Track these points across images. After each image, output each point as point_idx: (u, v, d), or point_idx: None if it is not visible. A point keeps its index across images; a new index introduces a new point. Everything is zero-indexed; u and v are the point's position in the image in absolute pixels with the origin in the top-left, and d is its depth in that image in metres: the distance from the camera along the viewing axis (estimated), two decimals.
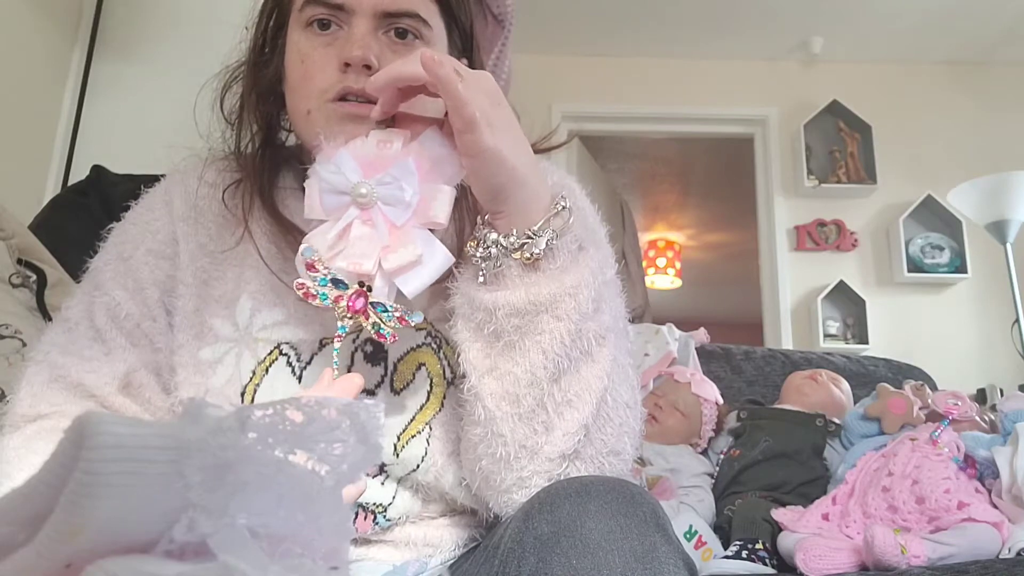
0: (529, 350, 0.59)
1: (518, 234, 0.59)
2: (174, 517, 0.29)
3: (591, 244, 0.64)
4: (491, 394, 0.60)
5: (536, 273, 0.59)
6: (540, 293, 0.59)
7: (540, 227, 0.59)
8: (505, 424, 0.59)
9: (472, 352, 0.61)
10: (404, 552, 0.69)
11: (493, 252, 0.60)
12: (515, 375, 0.59)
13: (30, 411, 0.70)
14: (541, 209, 0.60)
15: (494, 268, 0.60)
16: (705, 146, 4.29)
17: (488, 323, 0.59)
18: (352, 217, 0.58)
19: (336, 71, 0.68)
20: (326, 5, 0.69)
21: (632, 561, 0.48)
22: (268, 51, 0.77)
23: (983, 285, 3.37)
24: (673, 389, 1.62)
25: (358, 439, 0.34)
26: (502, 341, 0.60)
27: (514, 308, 0.59)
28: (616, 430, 0.61)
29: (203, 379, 0.70)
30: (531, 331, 0.59)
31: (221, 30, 0.81)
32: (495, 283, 0.60)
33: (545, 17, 3.39)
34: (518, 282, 0.59)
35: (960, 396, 1.37)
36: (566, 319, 0.59)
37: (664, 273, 5.51)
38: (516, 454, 0.59)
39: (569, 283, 0.59)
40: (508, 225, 0.60)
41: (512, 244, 0.59)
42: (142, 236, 0.76)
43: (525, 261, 0.59)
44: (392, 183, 0.57)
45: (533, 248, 0.59)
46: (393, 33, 0.70)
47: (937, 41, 3.51)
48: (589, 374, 0.60)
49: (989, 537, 1.04)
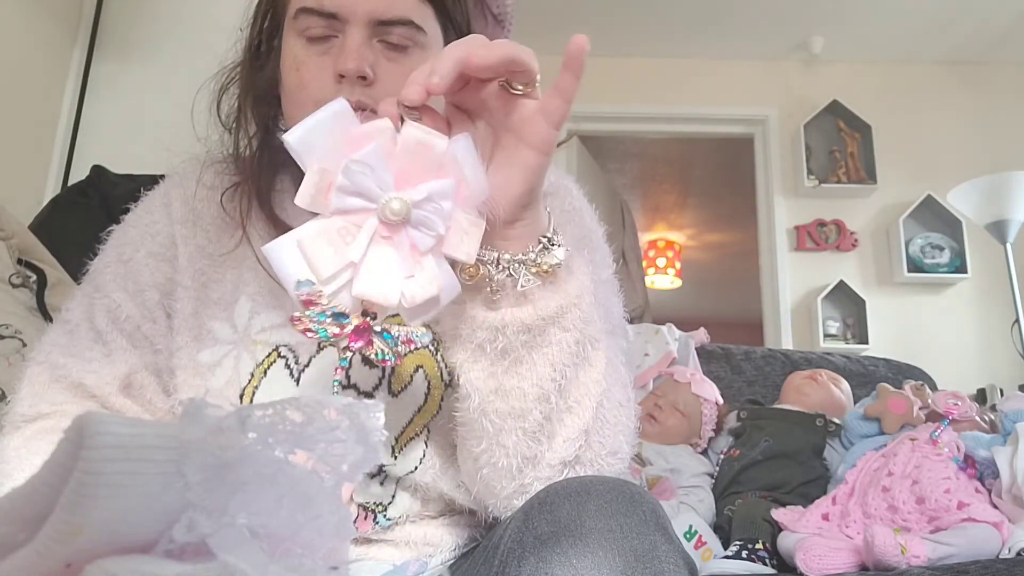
0: (536, 363, 0.57)
1: (533, 247, 0.56)
2: (174, 517, 0.29)
3: (583, 246, 0.63)
4: (497, 412, 0.58)
5: (551, 285, 0.56)
6: (549, 306, 0.56)
7: (552, 234, 0.56)
8: (510, 437, 0.58)
9: (474, 373, 0.58)
10: (404, 551, 0.69)
11: (513, 272, 0.55)
12: (522, 390, 0.57)
13: (30, 411, 0.70)
14: (546, 216, 0.58)
15: (519, 289, 0.55)
16: (705, 146, 4.29)
17: (493, 341, 0.56)
18: (371, 231, 0.48)
19: (331, 82, 0.67)
20: (319, 14, 0.67)
21: (632, 560, 0.48)
22: (264, 53, 0.76)
23: (983, 285, 3.37)
24: (673, 389, 1.62)
25: (358, 439, 0.34)
26: (509, 358, 0.57)
27: (524, 325, 0.56)
28: (612, 430, 0.61)
29: (202, 381, 0.70)
30: (539, 344, 0.57)
31: (221, 30, 0.81)
32: (494, 301, 0.56)
33: (545, 17, 3.39)
34: (530, 297, 0.56)
35: (960, 396, 1.37)
36: (572, 328, 0.57)
37: (664, 273, 5.51)
38: (519, 465, 0.59)
39: (573, 291, 0.57)
40: (525, 237, 0.56)
41: (532, 259, 0.55)
42: (142, 238, 0.76)
43: (543, 274, 0.56)
44: (431, 208, 0.49)
45: (552, 259, 0.56)
46: (388, 41, 0.69)
47: (937, 41, 3.51)
48: (588, 379, 0.59)
49: (989, 537, 1.04)
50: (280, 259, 0.48)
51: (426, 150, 0.49)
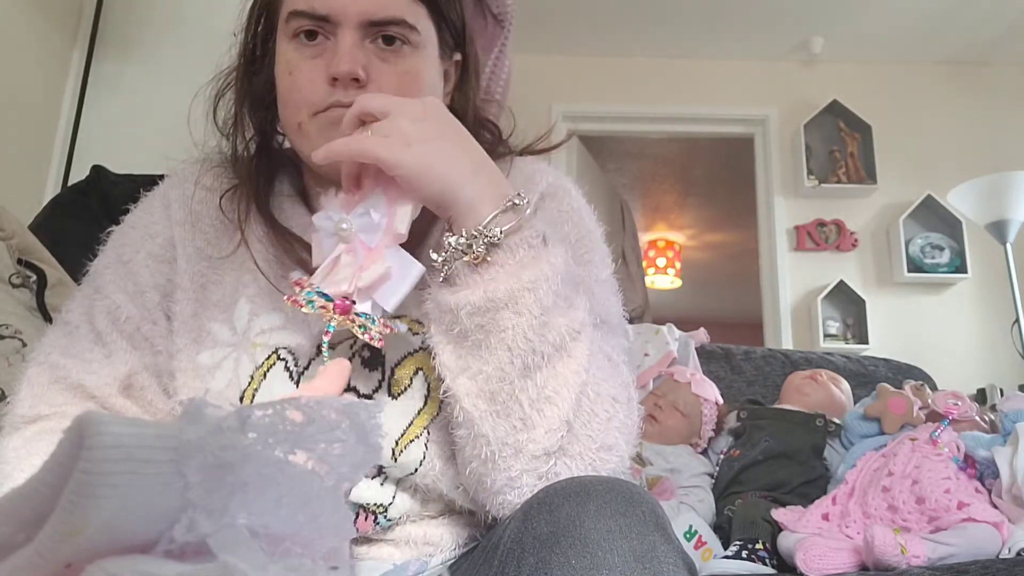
0: (495, 347, 0.59)
1: (466, 234, 0.60)
2: (174, 517, 0.29)
3: (559, 240, 0.64)
4: (467, 393, 0.60)
5: (492, 269, 0.60)
6: (497, 290, 0.59)
7: (486, 224, 0.60)
8: (485, 423, 0.60)
9: (445, 355, 0.62)
10: (404, 551, 0.69)
11: (450, 254, 0.61)
12: (486, 373, 0.59)
13: (30, 412, 0.70)
14: (488, 208, 0.61)
15: (449, 270, 0.61)
16: (705, 146, 4.29)
17: (455, 324, 0.60)
18: (339, 251, 0.62)
19: (325, 85, 0.67)
20: (311, 17, 0.67)
21: (632, 561, 0.48)
22: (259, 57, 0.76)
23: (983, 285, 3.38)
24: (673, 389, 1.63)
25: (358, 439, 0.34)
26: (469, 340, 0.60)
27: (474, 307, 0.59)
28: (603, 425, 0.61)
29: (202, 383, 0.70)
30: (494, 328, 0.59)
31: (221, 30, 0.81)
32: (456, 284, 0.61)
33: (545, 17, 3.39)
34: (474, 280, 0.60)
35: (960, 396, 1.37)
36: (527, 314, 0.59)
37: (664, 273, 5.52)
38: (500, 452, 0.59)
39: (527, 278, 0.59)
40: (459, 227, 0.61)
41: (461, 244, 0.60)
42: (142, 240, 0.76)
43: (473, 260, 0.60)
44: (364, 213, 0.62)
45: (477, 246, 0.60)
46: (381, 41, 0.69)
47: (937, 41, 3.51)
48: (565, 370, 0.60)
49: (989, 537, 1.04)
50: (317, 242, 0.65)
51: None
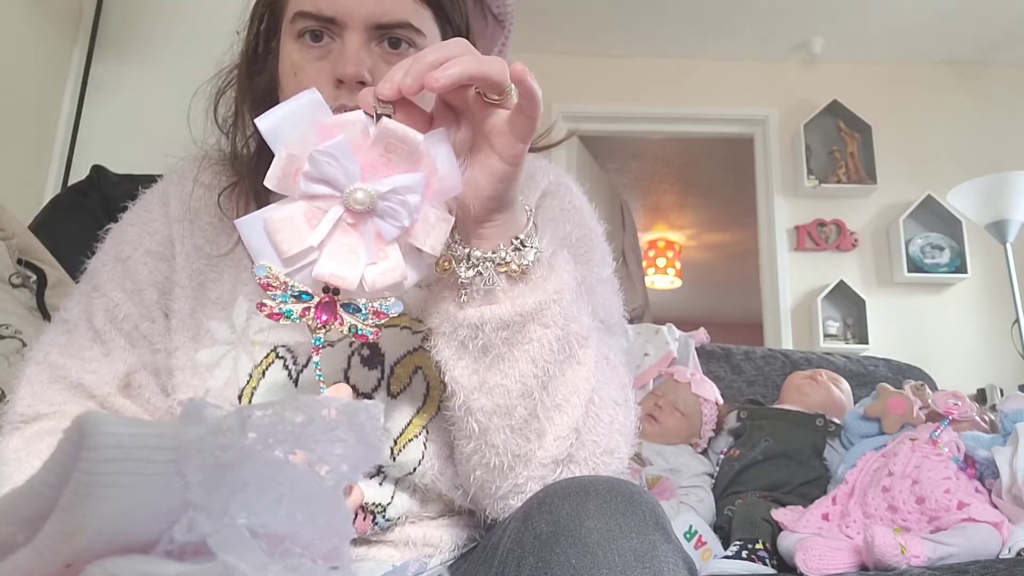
0: (518, 360, 0.57)
1: (505, 247, 0.56)
2: (174, 517, 0.29)
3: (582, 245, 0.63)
4: (482, 409, 0.58)
5: (522, 284, 0.57)
6: (526, 303, 0.56)
7: (526, 235, 0.57)
8: (498, 436, 0.58)
9: (458, 371, 0.58)
10: (404, 552, 0.69)
11: (482, 270, 0.56)
12: (505, 387, 0.57)
13: (30, 411, 0.70)
14: (523, 218, 0.58)
15: (484, 287, 0.56)
16: (705, 146, 4.29)
17: (474, 338, 0.57)
18: (336, 217, 0.50)
19: (330, 87, 0.67)
20: (317, 18, 0.67)
21: (631, 560, 0.48)
22: (261, 56, 0.76)
23: (983, 285, 3.37)
24: (673, 389, 1.63)
25: (358, 439, 0.34)
26: (491, 355, 0.57)
27: (502, 322, 0.56)
28: (607, 429, 0.61)
29: (200, 381, 0.70)
30: (519, 341, 0.57)
31: (222, 30, 0.81)
32: (479, 299, 0.57)
33: (545, 17, 3.39)
34: (504, 295, 0.57)
35: (960, 396, 1.37)
36: (553, 325, 0.57)
37: (664, 273, 5.51)
38: (510, 463, 0.59)
39: (552, 288, 0.57)
40: (497, 237, 0.56)
41: (502, 258, 0.56)
42: (140, 237, 0.76)
43: (512, 273, 0.56)
44: (396, 201, 0.50)
45: (522, 259, 0.57)
46: (387, 43, 0.68)
47: (937, 41, 3.51)
48: (575, 376, 0.59)
49: (989, 537, 1.04)
50: (250, 235, 0.50)
51: (399, 143, 0.49)
